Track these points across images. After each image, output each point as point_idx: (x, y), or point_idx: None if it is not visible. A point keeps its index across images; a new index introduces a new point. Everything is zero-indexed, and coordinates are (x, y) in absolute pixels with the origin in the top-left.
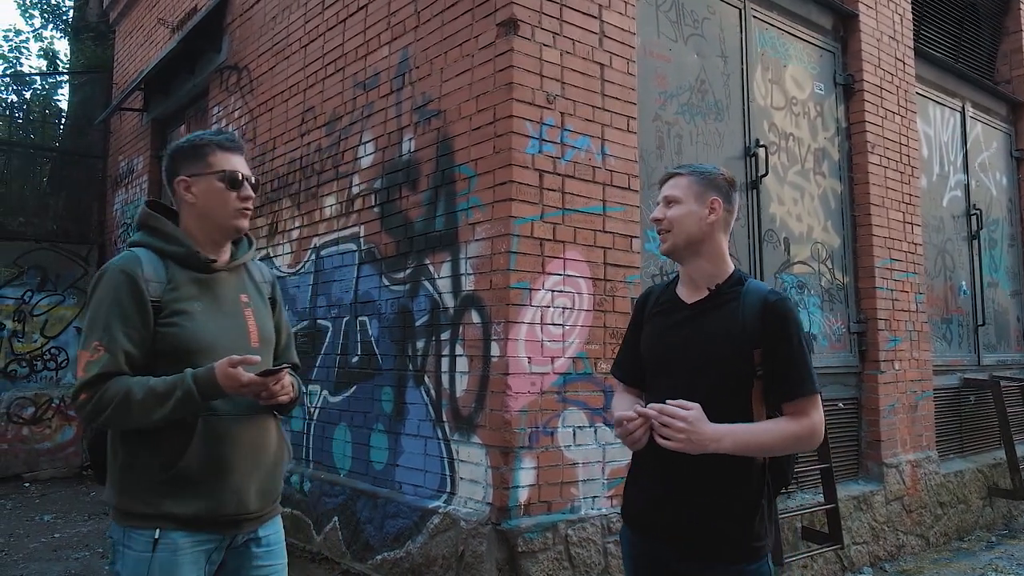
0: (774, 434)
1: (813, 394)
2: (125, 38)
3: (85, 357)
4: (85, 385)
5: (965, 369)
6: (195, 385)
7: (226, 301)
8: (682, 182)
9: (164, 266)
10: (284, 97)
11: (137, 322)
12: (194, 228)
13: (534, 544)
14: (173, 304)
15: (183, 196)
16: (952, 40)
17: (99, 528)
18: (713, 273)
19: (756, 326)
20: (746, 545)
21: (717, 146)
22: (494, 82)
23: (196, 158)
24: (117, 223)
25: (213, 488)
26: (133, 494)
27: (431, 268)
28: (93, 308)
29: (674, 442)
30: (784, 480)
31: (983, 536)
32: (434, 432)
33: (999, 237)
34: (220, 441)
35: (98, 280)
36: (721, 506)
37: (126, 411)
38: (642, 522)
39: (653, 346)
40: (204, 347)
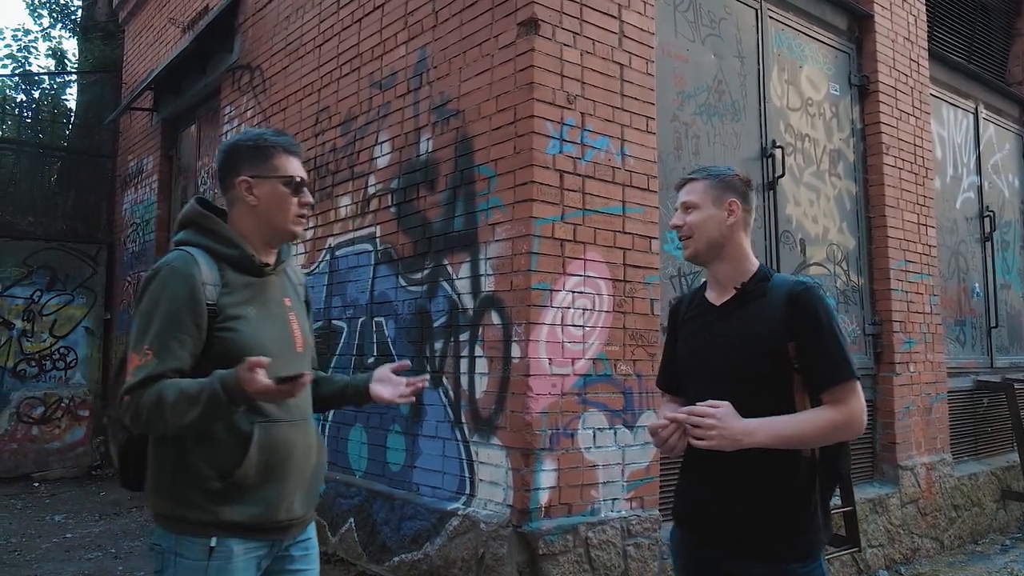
0: (811, 424)
1: (850, 380)
2: (134, 38)
3: (134, 360)
4: (129, 389)
5: (978, 371)
6: (221, 387)
7: (273, 305)
8: (698, 187)
9: (218, 268)
10: (298, 97)
11: (191, 326)
12: (248, 230)
13: (555, 546)
14: (228, 309)
15: (243, 197)
16: (964, 41)
17: (110, 528)
18: (737, 273)
19: (785, 320)
20: (797, 541)
21: (734, 147)
22: (515, 82)
23: (260, 159)
24: (126, 223)
25: (268, 495)
26: (189, 501)
27: (449, 268)
28: (146, 309)
29: (706, 440)
30: (838, 475)
31: (997, 539)
32: (452, 433)
33: (1012, 239)
34: (276, 448)
35: (152, 279)
36: (769, 501)
37: (160, 414)
38: (690, 521)
39: (687, 352)
40: (257, 353)
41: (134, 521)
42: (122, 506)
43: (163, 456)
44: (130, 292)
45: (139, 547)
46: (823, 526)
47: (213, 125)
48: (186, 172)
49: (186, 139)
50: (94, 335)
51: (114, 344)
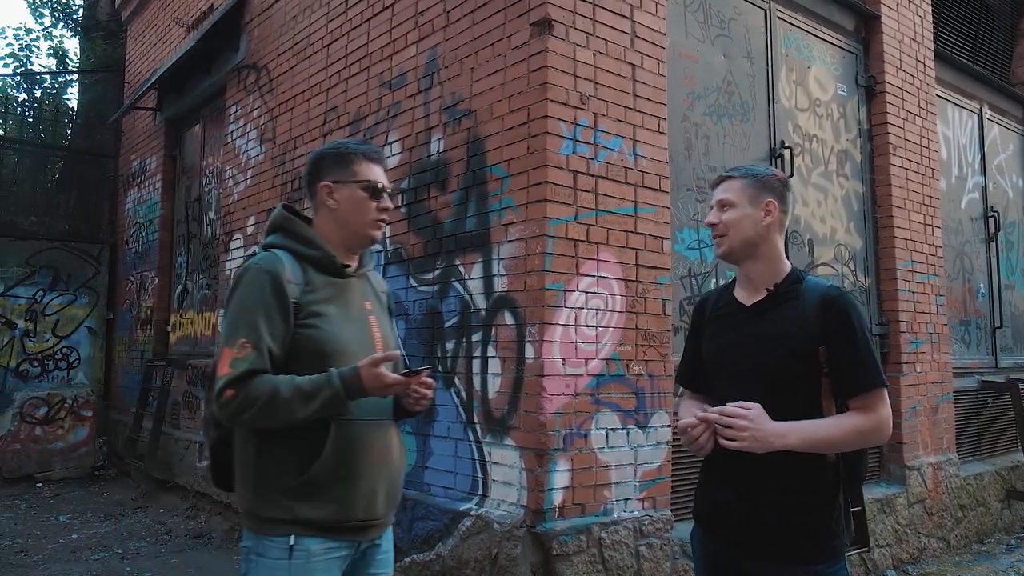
0: (840, 429)
1: (879, 388)
2: (137, 37)
3: (231, 354)
4: (232, 382)
5: (983, 371)
6: (342, 385)
7: (354, 307)
8: (735, 185)
9: (301, 268)
10: (305, 96)
11: (279, 321)
12: (330, 233)
13: (569, 547)
14: (310, 306)
15: (324, 201)
16: (968, 42)
17: (116, 529)
18: (771, 273)
19: (817, 323)
20: (822, 543)
21: (744, 148)
22: (528, 82)
23: (341, 165)
24: (129, 223)
25: (343, 493)
26: (268, 498)
27: (461, 269)
28: (237, 305)
29: (738, 441)
30: (858, 478)
31: (1002, 539)
32: (465, 434)
33: (1016, 239)
34: (351, 446)
35: (240, 278)
36: (797, 504)
37: (272, 409)
38: (713, 523)
39: (714, 350)
40: (337, 350)
41: (139, 522)
42: (126, 507)
43: (245, 453)
44: (133, 292)
45: (146, 548)
46: (847, 528)
47: (218, 125)
48: (190, 172)
49: (190, 139)
50: (96, 335)
51: (116, 344)
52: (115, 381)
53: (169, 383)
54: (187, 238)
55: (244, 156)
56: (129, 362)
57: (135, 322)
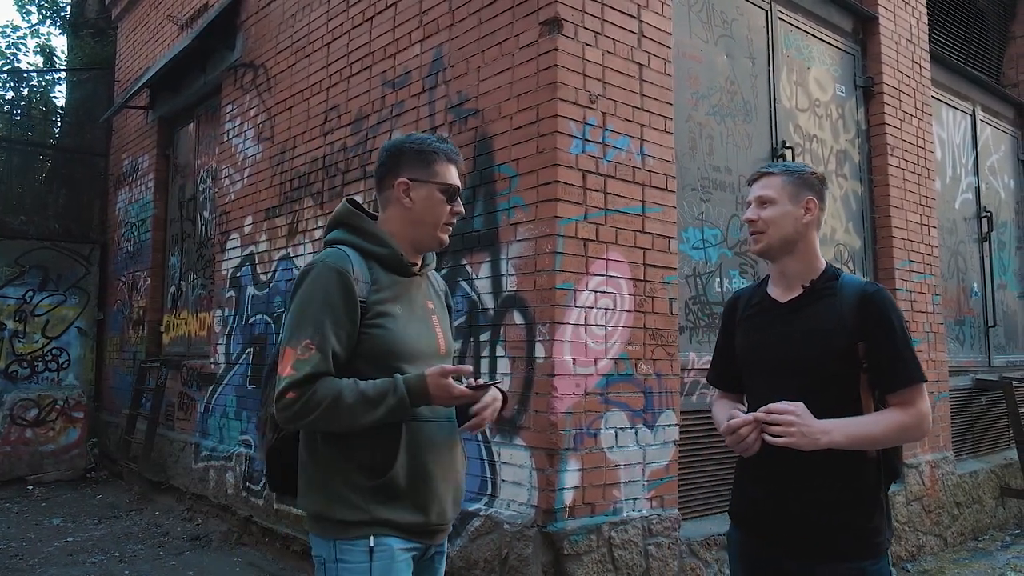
0: (883, 425)
1: (919, 383)
2: (128, 35)
3: (294, 355)
4: (294, 384)
5: (977, 370)
6: (407, 392)
7: (418, 306)
8: (775, 182)
9: (368, 266)
10: (305, 96)
11: (346, 322)
12: (400, 231)
13: (579, 547)
14: (378, 305)
15: (399, 198)
16: (962, 45)
17: (112, 532)
18: (807, 270)
19: (856, 319)
20: (867, 540)
21: (746, 147)
22: (537, 81)
23: (422, 163)
24: (120, 222)
25: (418, 496)
26: (344, 500)
27: (468, 268)
28: (302, 304)
29: (785, 438)
30: (895, 474)
31: (997, 536)
32: (473, 434)
33: (1008, 239)
34: (423, 448)
35: (305, 275)
36: (840, 501)
37: (335, 414)
38: (752, 522)
39: (750, 348)
40: (404, 351)
41: (135, 524)
42: (120, 509)
43: (315, 456)
44: (124, 292)
45: (143, 550)
46: (890, 523)
47: (213, 124)
48: (184, 171)
49: (184, 137)
50: (87, 336)
51: (107, 345)
52: (106, 382)
53: (163, 384)
54: (181, 238)
55: (241, 155)
56: (121, 363)
57: (127, 323)
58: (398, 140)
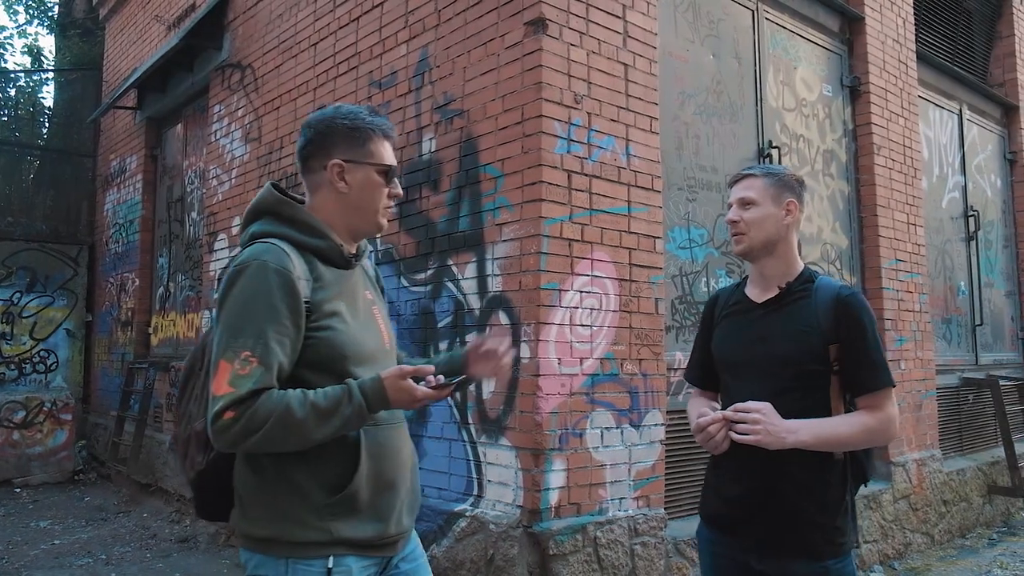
0: (850, 427)
1: (887, 387)
2: (116, 35)
3: (230, 369)
4: (233, 403)
5: (964, 368)
6: (364, 399)
7: (360, 301)
8: (757, 184)
9: (306, 261)
10: (292, 96)
11: (290, 328)
12: (333, 218)
13: (565, 547)
14: (324, 305)
15: (332, 182)
16: (948, 44)
17: (99, 534)
18: (785, 272)
19: (829, 322)
20: (832, 540)
21: (732, 147)
22: (522, 81)
23: (356, 142)
24: (108, 223)
25: (378, 507)
26: (299, 522)
27: (455, 269)
28: (237, 309)
29: (752, 436)
30: (864, 476)
31: (984, 533)
32: (459, 434)
33: (994, 238)
34: (384, 456)
35: (238, 276)
36: (805, 502)
37: (283, 433)
38: (722, 522)
39: (726, 347)
40: (355, 353)
41: (123, 526)
42: (109, 511)
43: (261, 475)
44: (113, 294)
45: (130, 553)
46: (854, 524)
47: (201, 124)
48: (171, 172)
49: (172, 138)
50: (75, 337)
51: (96, 346)
52: (94, 384)
53: (151, 385)
54: (169, 239)
55: (228, 156)
56: (109, 365)
57: (115, 324)
58: (325, 115)
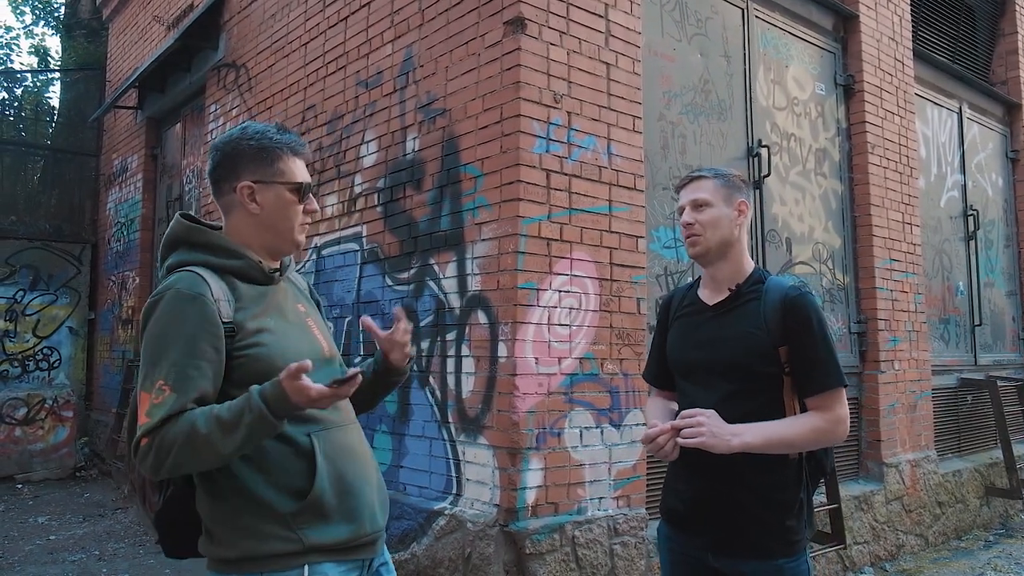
0: (797, 428)
1: (836, 388)
2: (118, 35)
3: (147, 400)
4: (148, 431)
5: (962, 369)
6: (265, 404)
7: (290, 313)
8: (708, 185)
9: (226, 283)
10: (284, 96)
11: (210, 351)
12: (250, 239)
13: (542, 546)
14: (250, 323)
15: (244, 204)
16: (949, 41)
17: (95, 530)
18: (735, 273)
19: (778, 323)
20: (784, 539)
21: (720, 147)
22: (501, 81)
23: (263, 162)
24: (111, 222)
25: (347, 507)
26: (270, 536)
27: (436, 268)
28: (153, 341)
29: (696, 438)
30: (822, 472)
31: (980, 535)
32: (439, 433)
33: (995, 238)
34: (341, 455)
35: (154, 307)
36: (755, 503)
37: (192, 450)
38: (679, 518)
39: (677, 350)
40: (287, 365)
41: (119, 523)
42: (106, 508)
43: (221, 498)
44: (114, 291)
45: (123, 549)
46: (808, 523)
47: (198, 123)
48: (171, 171)
49: (171, 137)
50: (78, 335)
51: (98, 344)
52: (97, 381)
53: None
54: None
55: None
56: (111, 362)
57: (116, 322)
58: (232, 137)
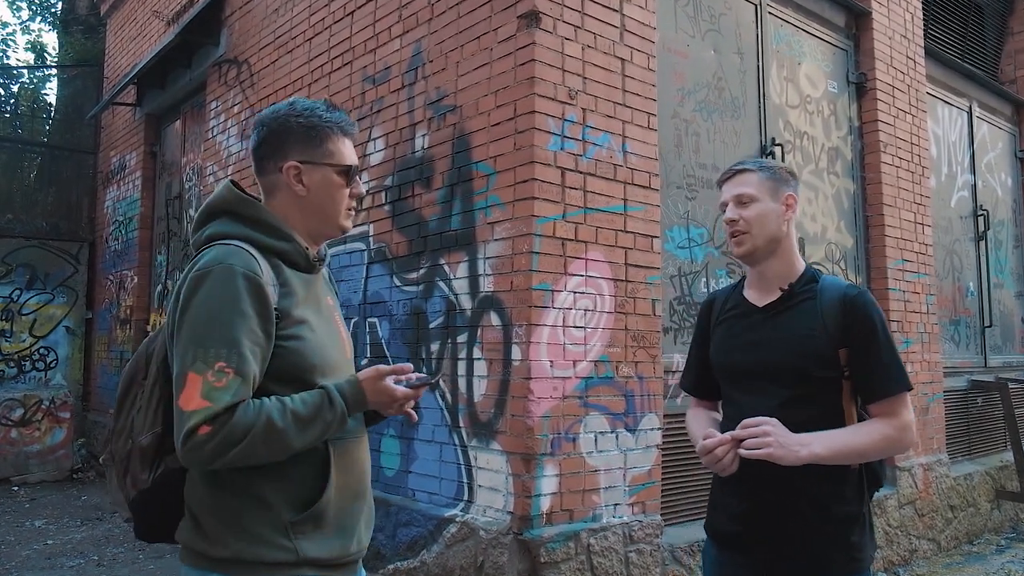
0: (866, 437)
1: (903, 392)
2: (117, 31)
3: (203, 382)
4: (210, 418)
5: (972, 371)
6: (344, 403)
7: (323, 306)
8: (752, 179)
9: (271, 265)
10: (288, 92)
11: (262, 338)
12: (293, 221)
13: (556, 554)
14: (293, 312)
15: (290, 185)
16: (958, 39)
17: (93, 534)
18: (786, 272)
19: (837, 324)
20: (848, 556)
21: (734, 145)
22: (515, 76)
23: (312, 141)
24: (108, 220)
25: (344, 523)
26: (265, 541)
27: (446, 268)
28: (204, 317)
29: (763, 449)
30: (878, 484)
31: (992, 539)
32: (450, 438)
33: (1004, 238)
34: (350, 467)
35: (202, 280)
36: (820, 518)
37: (264, 445)
38: (730, 540)
39: (725, 355)
40: (321, 363)
41: (117, 527)
42: (104, 511)
43: (222, 491)
44: (112, 291)
45: (122, 554)
46: (871, 538)
47: (198, 120)
48: (170, 168)
49: (170, 134)
50: (75, 335)
51: (96, 344)
52: (94, 382)
53: None
54: (167, 236)
55: (225, 152)
56: (109, 362)
57: (114, 322)
58: (279, 112)
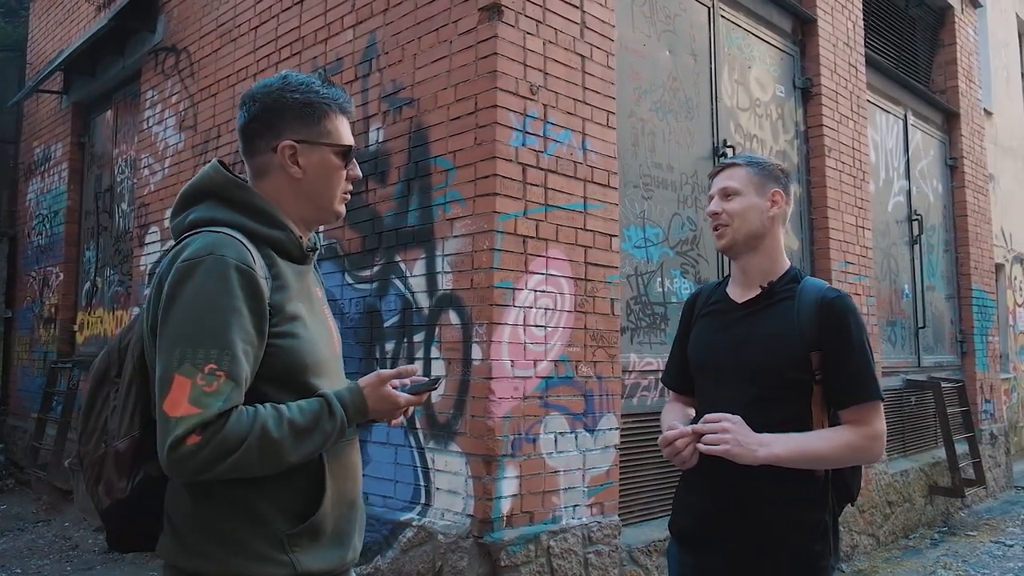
0: (830, 443)
1: (874, 400)
2: (41, 15)
3: (190, 385)
4: (201, 426)
5: (907, 371)
6: (345, 413)
7: (314, 300)
8: (739, 173)
9: (263, 255)
10: (231, 82)
11: (254, 336)
12: (286, 206)
13: (517, 557)
14: (286, 307)
15: (284, 166)
16: (894, 50)
17: (15, 546)
18: (768, 269)
19: (812, 327)
20: (809, 564)
21: (688, 145)
22: (476, 70)
23: (308, 119)
24: (31, 214)
25: (341, 532)
26: (257, 554)
27: (402, 266)
28: (192, 313)
29: (720, 446)
30: (849, 496)
31: (926, 533)
32: (406, 440)
33: (936, 242)
34: (344, 474)
35: (191, 272)
36: (780, 522)
37: (259, 457)
38: (692, 539)
39: (700, 350)
40: (313, 362)
41: (42, 537)
42: (27, 520)
43: (209, 502)
44: (35, 288)
45: (48, 566)
46: (835, 548)
47: (132, 110)
48: (100, 160)
49: (100, 125)
50: None
51: (15, 344)
52: (14, 384)
53: (75, 386)
54: (97, 231)
55: (162, 144)
56: (30, 364)
57: (37, 321)
58: (271, 87)
